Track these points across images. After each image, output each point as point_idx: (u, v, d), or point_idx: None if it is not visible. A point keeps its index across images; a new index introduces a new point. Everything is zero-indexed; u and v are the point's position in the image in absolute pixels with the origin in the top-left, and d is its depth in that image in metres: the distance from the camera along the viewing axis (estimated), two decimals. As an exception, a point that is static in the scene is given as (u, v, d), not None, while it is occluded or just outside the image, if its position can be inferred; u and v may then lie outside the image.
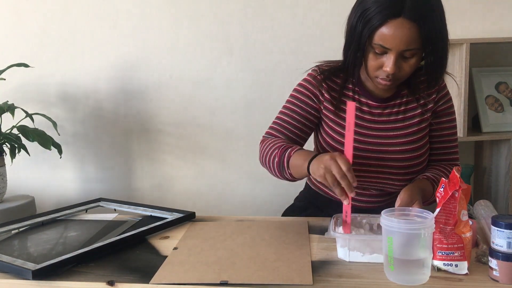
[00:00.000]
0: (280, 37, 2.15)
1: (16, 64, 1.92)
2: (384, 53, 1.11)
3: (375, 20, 1.08)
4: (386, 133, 1.25)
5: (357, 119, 1.25)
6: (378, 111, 1.26)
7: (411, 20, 1.06)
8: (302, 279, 0.89)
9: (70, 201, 2.15)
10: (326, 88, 1.27)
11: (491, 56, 2.17)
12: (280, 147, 1.19)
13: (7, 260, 0.97)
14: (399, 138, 1.25)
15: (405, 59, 1.12)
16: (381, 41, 1.09)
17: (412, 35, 1.07)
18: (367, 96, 1.26)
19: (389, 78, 1.14)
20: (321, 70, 1.28)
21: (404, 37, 1.07)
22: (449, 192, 0.89)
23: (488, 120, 2.08)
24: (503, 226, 0.85)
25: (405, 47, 1.08)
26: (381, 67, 1.13)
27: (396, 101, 1.27)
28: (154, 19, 2.14)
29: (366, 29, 1.10)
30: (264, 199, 2.22)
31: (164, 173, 2.24)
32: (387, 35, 1.08)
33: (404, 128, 1.25)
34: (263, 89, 2.17)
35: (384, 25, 1.07)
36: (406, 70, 1.14)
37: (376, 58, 1.13)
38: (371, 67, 1.15)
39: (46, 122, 1.93)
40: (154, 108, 2.19)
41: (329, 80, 1.28)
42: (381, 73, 1.14)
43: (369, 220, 1.09)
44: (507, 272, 0.86)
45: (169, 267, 0.96)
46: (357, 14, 1.12)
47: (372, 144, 1.24)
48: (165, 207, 1.37)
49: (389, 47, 1.09)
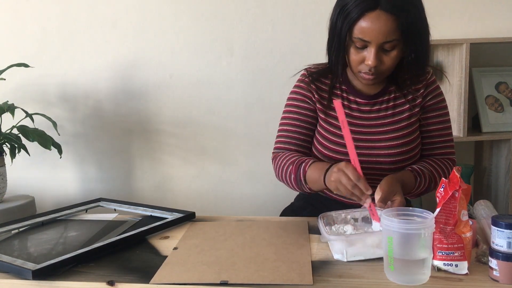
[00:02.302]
0: (280, 37, 2.15)
1: (16, 64, 1.92)
2: (365, 47, 1.14)
3: (353, 14, 1.11)
4: (376, 129, 1.27)
5: (347, 117, 1.27)
6: (367, 108, 1.28)
7: (388, 11, 1.08)
8: (302, 279, 0.89)
9: (70, 201, 2.15)
10: (315, 89, 1.30)
11: (491, 56, 2.17)
12: (294, 162, 1.23)
13: (7, 260, 0.97)
14: (389, 133, 1.26)
15: (386, 52, 1.14)
16: (360, 34, 1.11)
17: (390, 26, 1.09)
18: (355, 94, 1.29)
19: (372, 72, 1.16)
20: (309, 73, 1.32)
21: (382, 29, 1.09)
22: (449, 192, 0.89)
23: (488, 120, 2.08)
24: (503, 226, 0.85)
25: (384, 39, 1.10)
26: (363, 61, 1.15)
27: (384, 98, 1.28)
28: (154, 19, 2.14)
29: (345, 24, 1.13)
30: (264, 199, 2.22)
31: (164, 173, 2.24)
32: (365, 28, 1.10)
33: (393, 123, 1.27)
34: (263, 89, 2.17)
35: (362, 18, 1.10)
36: (388, 63, 1.15)
37: (357, 53, 1.15)
38: (353, 62, 1.17)
39: (46, 122, 1.93)
40: (154, 108, 2.19)
41: (318, 82, 1.31)
42: (363, 67, 1.16)
43: (353, 214, 1.12)
44: (507, 272, 0.85)
45: (169, 267, 0.96)
46: (337, 11, 1.16)
47: (362, 140, 1.26)
48: (165, 207, 1.37)
49: (368, 39, 1.11)
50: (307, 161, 1.20)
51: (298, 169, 1.20)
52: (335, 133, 1.27)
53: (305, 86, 1.31)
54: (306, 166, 1.19)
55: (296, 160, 1.22)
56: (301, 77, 1.34)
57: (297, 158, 1.24)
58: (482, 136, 2.02)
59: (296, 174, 1.21)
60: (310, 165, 1.18)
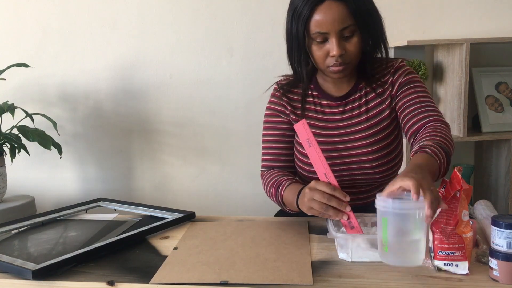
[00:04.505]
0: (280, 37, 2.14)
1: (16, 64, 1.92)
2: (325, 40, 1.15)
3: (304, 11, 1.14)
4: (353, 128, 1.27)
5: (322, 121, 1.29)
6: (340, 109, 1.28)
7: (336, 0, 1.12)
8: (302, 279, 0.89)
9: (70, 201, 2.15)
10: (287, 101, 1.31)
11: (491, 56, 2.17)
12: (274, 184, 1.24)
13: (7, 260, 0.97)
14: (366, 130, 1.26)
15: (347, 39, 1.15)
16: (317, 28, 1.14)
17: (342, 12, 1.12)
18: (327, 97, 1.30)
19: (339, 62, 1.16)
20: (280, 86, 1.34)
21: (335, 16, 1.12)
22: (451, 192, 0.89)
23: (488, 120, 2.08)
24: (503, 226, 0.85)
25: (340, 26, 1.13)
26: (327, 55, 1.17)
27: (355, 96, 1.29)
28: (154, 19, 2.14)
29: (300, 24, 1.16)
30: (264, 199, 2.20)
31: (164, 173, 2.24)
32: (320, 21, 1.13)
33: (368, 119, 1.27)
34: (263, 89, 2.16)
35: (314, 13, 1.13)
36: (351, 49, 1.16)
37: (320, 48, 1.17)
38: (319, 58, 1.18)
39: (46, 122, 1.93)
40: (154, 108, 2.19)
41: (289, 93, 1.33)
42: (330, 60, 1.17)
43: (363, 219, 1.10)
44: (507, 272, 0.85)
45: (169, 267, 0.96)
46: (289, 17, 1.20)
47: (341, 142, 1.26)
48: (165, 207, 1.37)
49: (326, 31, 1.13)
50: (284, 183, 1.21)
51: (277, 192, 1.22)
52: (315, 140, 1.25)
53: (277, 101, 1.33)
54: (283, 189, 1.20)
55: (276, 182, 1.23)
56: (273, 92, 1.36)
57: (277, 178, 1.24)
58: (482, 136, 2.02)
59: (276, 196, 1.23)
60: (286, 188, 1.19)
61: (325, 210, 1.02)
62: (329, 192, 1.01)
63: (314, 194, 1.02)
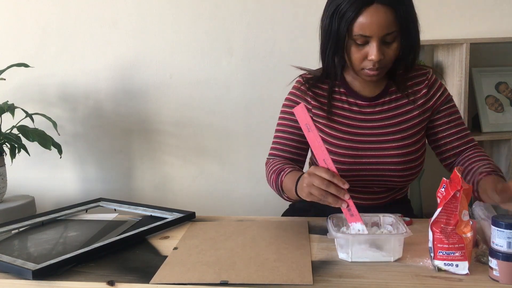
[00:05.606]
0: (280, 37, 2.15)
1: (16, 64, 1.92)
2: (366, 42, 1.13)
3: (350, 12, 1.11)
4: (379, 130, 1.26)
5: (349, 119, 1.27)
6: (369, 110, 1.27)
7: (385, 4, 1.09)
8: (302, 279, 0.89)
9: (70, 201, 2.15)
10: (312, 96, 1.29)
11: (491, 56, 2.17)
12: (276, 171, 1.23)
13: (7, 260, 0.97)
14: (393, 134, 1.25)
15: (387, 44, 1.14)
16: (360, 30, 1.11)
17: (389, 18, 1.10)
18: (355, 96, 1.27)
19: (376, 67, 1.15)
20: (305, 79, 1.31)
21: (381, 21, 1.09)
22: (451, 192, 0.89)
23: (488, 120, 2.08)
24: (503, 226, 0.85)
25: (385, 32, 1.11)
26: (365, 57, 1.15)
27: (385, 99, 1.27)
28: (154, 19, 2.14)
29: (343, 24, 1.12)
30: (264, 199, 2.22)
31: (164, 173, 2.24)
32: (365, 24, 1.10)
33: (396, 124, 1.26)
34: (263, 89, 2.17)
35: (360, 15, 1.10)
36: (390, 55, 1.15)
37: (359, 50, 1.15)
38: (356, 60, 1.17)
39: (46, 122, 1.93)
40: (154, 108, 2.19)
41: (315, 87, 1.30)
42: (367, 63, 1.16)
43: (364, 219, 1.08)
44: (507, 272, 0.85)
45: (169, 267, 0.96)
46: (330, 13, 1.15)
47: (367, 142, 1.25)
48: (165, 207, 1.37)
49: (369, 34, 1.11)
50: (286, 170, 1.20)
51: (277, 178, 1.21)
52: (341, 137, 1.25)
53: (299, 94, 1.30)
54: (284, 174, 1.19)
55: (278, 168, 1.22)
56: (297, 84, 1.32)
57: (280, 166, 1.23)
58: (482, 136, 2.02)
59: (276, 183, 1.22)
60: (287, 174, 1.18)
61: (324, 197, 1.00)
62: (328, 178, 1.00)
63: (313, 180, 1.01)
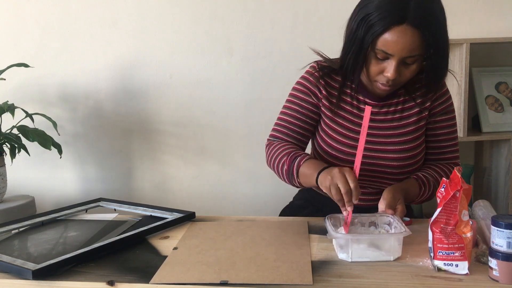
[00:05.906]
0: (280, 37, 2.15)
1: (16, 64, 1.92)
2: (386, 58, 1.11)
3: (378, 27, 1.07)
4: (383, 132, 1.25)
5: (355, 116, 1.26)
6: (375, 110, 1.26)
7: (415, 26, 1.05)
8: (302, 279, 0.89)
9: (70, 201, 2.15)
10: (324, 85, 1.27)
11: (491, 56, 2.17)
12: (289, 154, 1.21)
13: (7, 260, 0.97)
14: (396, 137, 1.25)
15: (406, 65, 1.12)
16: (383, 47, 1.08)
17: (415, 41, 1.07)
18: (365, 94, 1.27)
19: (389, 84, 1.14)
20: (320, 66, 1.28)
21: (407, 44, 1.07)
22: (451, 192, 0.89)
23: (488, 120, 2.08)
24: (503, 226, 0.85)
25: (407, 54, 1.08)
26: (382, 72, 1.13)
27: (393, 100, 1.27)
28: (154, 19, 2.14)
29: (368, 35, 1.09)
30: (264, 199, 2.22)
31: (164, 173, 2.24)
32: (390, 42, 1.07)
33: (400, 127, 1.26)
34: (263, 89, 2.17)
35: (388, 32, 1.07)
36: (406, 75, 1.14)
37: (377, 63, 1.13)
38: (372, 72, 1.15)
39: (46, 122, 1.93)
40: (154, 108, 2.19)
41: (328, 77, 1.28)
42: (381, 78, 1.14)
43: (361, 219, 1.10)
44: (507, 272, 0.85)
45: (169, 267, 0.96)
46: (358, 18, 1.11)
47: (368, 142, 1.24)
48: (165, 207, 1.37)
49: (391, 53, 1.09)
50: (302, 156, 1.18)
51: (292, 161, 1.19)
52: (343, 133, 1.25)
53: (312, 80, 1.28)
54: (301, 160, 1.17)
55: (292, 153, 1.21)
56: (310, 70, 1.29)
57: (293, 150, 1.22)
58: (482, 136, 2.02)
59: (289, 166, 1.19)
60: (305, 161, 1.17)
61: (337, 200, 1.04)
62: (351, 187, 1.03)
63: (339, 180, 1.03)
